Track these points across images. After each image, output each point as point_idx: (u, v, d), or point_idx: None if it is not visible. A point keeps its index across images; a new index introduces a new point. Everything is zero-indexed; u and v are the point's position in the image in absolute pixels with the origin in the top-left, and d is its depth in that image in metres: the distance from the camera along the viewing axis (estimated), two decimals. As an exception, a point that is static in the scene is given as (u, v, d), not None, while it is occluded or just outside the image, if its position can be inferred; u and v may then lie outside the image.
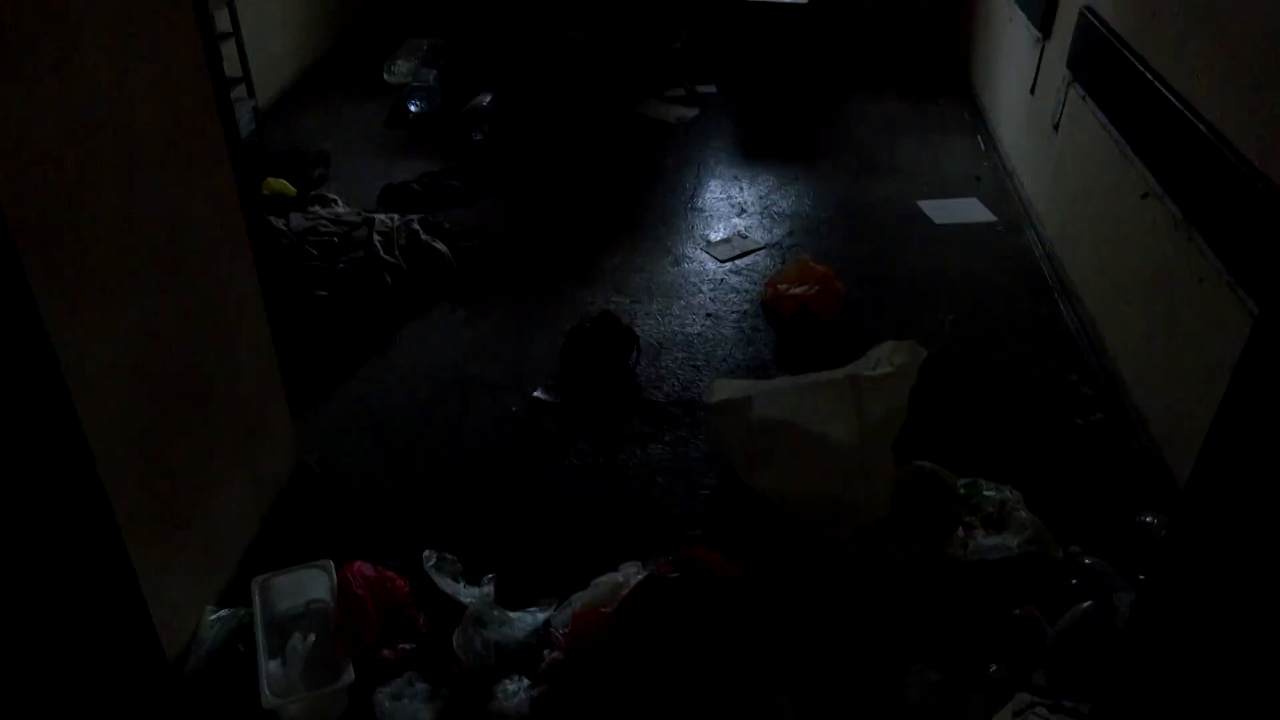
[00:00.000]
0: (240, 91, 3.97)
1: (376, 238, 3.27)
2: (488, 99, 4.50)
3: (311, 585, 2.06)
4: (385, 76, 4.95)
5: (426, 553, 2.15)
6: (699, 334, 3.13)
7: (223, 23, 3.76)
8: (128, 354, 1.72)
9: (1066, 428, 2.69)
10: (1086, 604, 1.94)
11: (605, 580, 2.12)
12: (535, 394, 2.83)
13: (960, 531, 2.23)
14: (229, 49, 3.82)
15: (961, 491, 2.32)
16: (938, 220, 3.81)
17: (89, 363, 1.59)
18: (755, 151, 4.42)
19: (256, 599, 1.98)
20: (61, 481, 1.56)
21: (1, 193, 1.34)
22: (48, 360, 1.46)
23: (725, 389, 2.52)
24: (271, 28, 4.55)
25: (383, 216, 3.41)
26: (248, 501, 2.25)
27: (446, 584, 2.10)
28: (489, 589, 2.09)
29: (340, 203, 3.62)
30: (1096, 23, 3.07)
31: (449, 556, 2.17)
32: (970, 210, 3.89)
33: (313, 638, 1.95)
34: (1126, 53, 2.81)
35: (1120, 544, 2.21)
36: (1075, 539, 2.22)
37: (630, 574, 2.12)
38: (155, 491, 1.83)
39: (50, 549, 1.58)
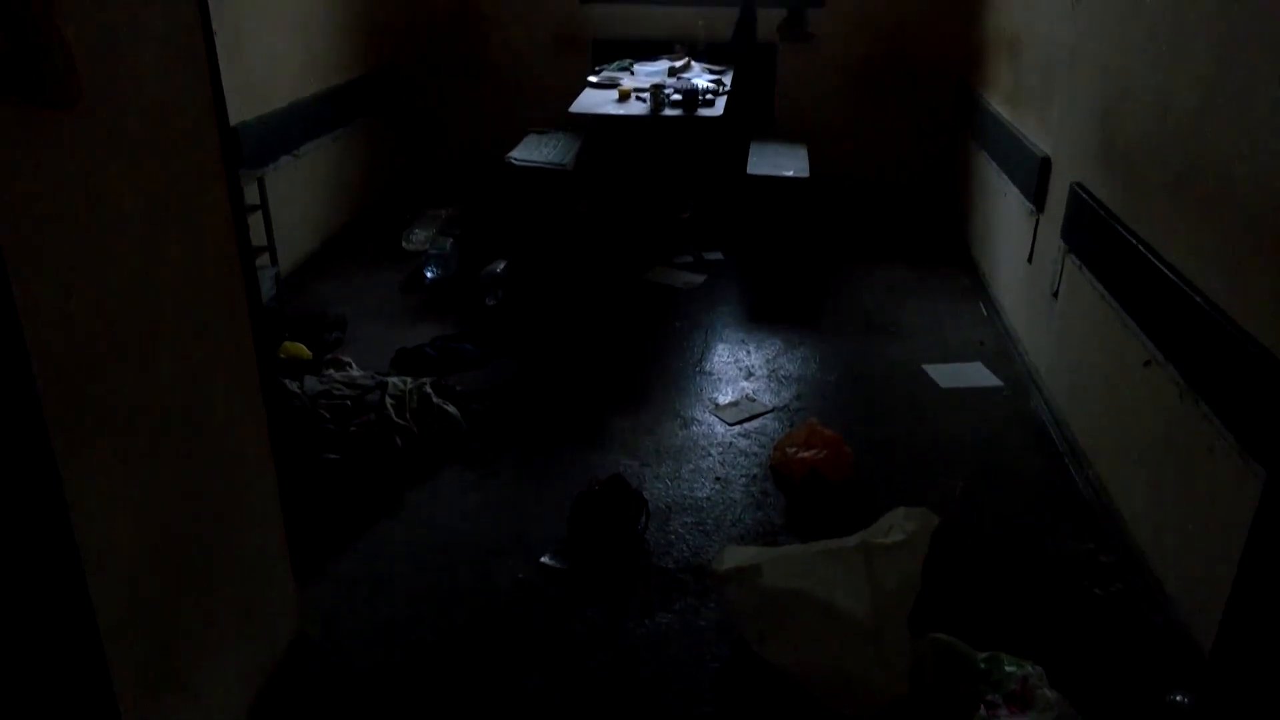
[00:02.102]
0: (264, 259, 4.11)
1: (389, 401, 3.31)
2: (501, 266, 4.66)
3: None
4: (403, 244, 5.15)
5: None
6: (708, 498, 3.11)
7: (251, 196, 3.95)
8: (137, 521, 1.71)
9: (1086, 599, 2.62)
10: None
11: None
12: (543, 560, 2.79)
13: (983, 710, 2.15)
14: (255, 219, 3.99)
15: (982, 666, 2.24)
16: (943, 384, 3.85)
17: (100, 532, 1.58)
18: (762, 316, 4.52)
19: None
20: (63, 651, 1.52)
21: (37, 362, 1.37)
22: (64, 533, 1.46)
23: (734, 556, 2.48)
24: (297, 200, 4.77)
25: (395, 380, 3.47)
26: (246, 672, 2.18)
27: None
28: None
29: (354, 366, 3.69)
30: (1087, 197, 3.20)
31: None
32: (975, 375, 3.94)
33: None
34: (1118, 226, 2.92)
35: (1150, 724, 2.12)
36: (1103, 719, 2.13)
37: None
38: (152, 658, 1.78)
39: (45, 709, 1.53)
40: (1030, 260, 3.90)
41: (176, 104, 1.81)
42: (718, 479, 3.22)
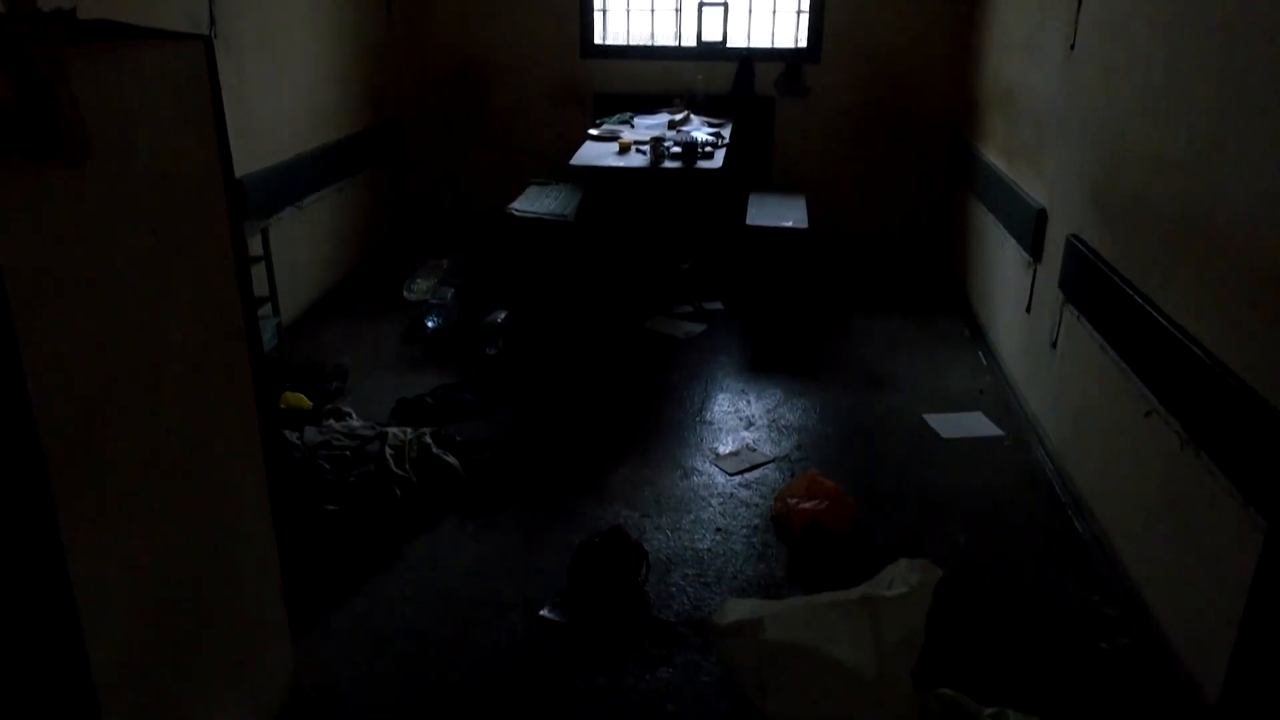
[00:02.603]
0: (266, 309, 4.13)
1: (388, 451, 3.30)
2: (502, 315, 4.68)
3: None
4: (405, 294, 5.17)
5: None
6: (709, 549, 3.09)
7: (255, 246, 3.97)
8: (134, 573, 1.70)
9: (1092, 653, 2.59)
10: None
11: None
12: (542, 613, 2.76)
13: (989, 767, 2.11)
14: (258, 269, 4.01)
15: (987, 722, 2.21)
16: (944, 434, 3.85)
17: (97, 584, 1.57)
18: (762, 366, 4.53)
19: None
20: (58, 704, 1.50)
21: (39, 413, 1.37)
22: (61, 586, 1.44)
23: (736, 609, 2.46)
24: (300, 250, 4.81)
25: (395, 430, 3.46)
26: (239, 730, 2.15)
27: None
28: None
29: (354, 416, 3.69)
30: (1083, 249, 3.23)
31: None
32: (976, 424, 3.93)
33: None
34: (1115, 277, 2.94)
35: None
36: (1112, 777, 2.09)
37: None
38: (147, 712, 1.76)
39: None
40: (1029, 310, 3.92)
41: (184, 158, 1.84)
42: (719, 530, 3.20)
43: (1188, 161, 2.56)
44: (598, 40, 6.06)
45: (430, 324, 4.79)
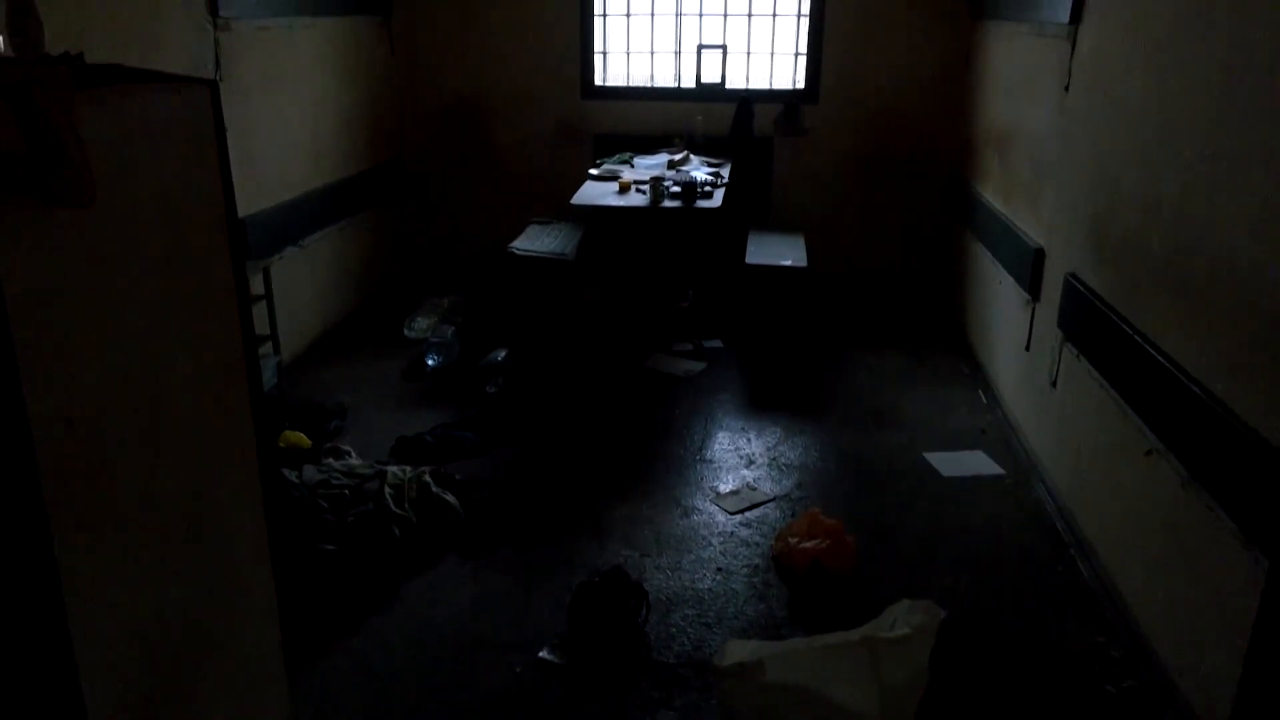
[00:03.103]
0: (266, 348, 4.14)
1: (388, 490, 3.29)
2: (502, 354, 4.68)
3: None
4: (405, 332, 5.18)
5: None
6: (709, 589, 3.07)
7: (256, 285, 3.99)
8: (132, 613, 1.69)
9: (1098, 696, 2.57)
10: None
11: None
12: (542, 654, 2.73)
13: (994, 813, 2.08)
14: (259, 308, 4.03)
15: (992, 766, 2.18)
16: (945, 473, 3.84)
17: (94, 624, 1.55)
18: (762, 404, 4.53)
19: None
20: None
21: (41, 453, 1.37)
22: (59, 627, 1.43)
23: (737, 651, 2.44)
24: (301, 289, 4.83)
25: (395, 469, 3.45)
26: (234, 775, 2.12)
27: None
28: None
29: (354, 455, 3.68)
30: (1081, 288, 3.24)
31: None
32: (977, 463, 3.92)
33: None
34: (1113, 316, 2.95)
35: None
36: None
37: None
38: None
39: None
40: (1028, 348, 3.93)
41: (188, 198, 1.85)
42: (719, 570, 3.18)
43: (1181, 202, 2.58)
44: (598, 81, 6.13)
45: (430, 362, 4.80)
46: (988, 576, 3.13)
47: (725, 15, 5.96)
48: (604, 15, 6.04)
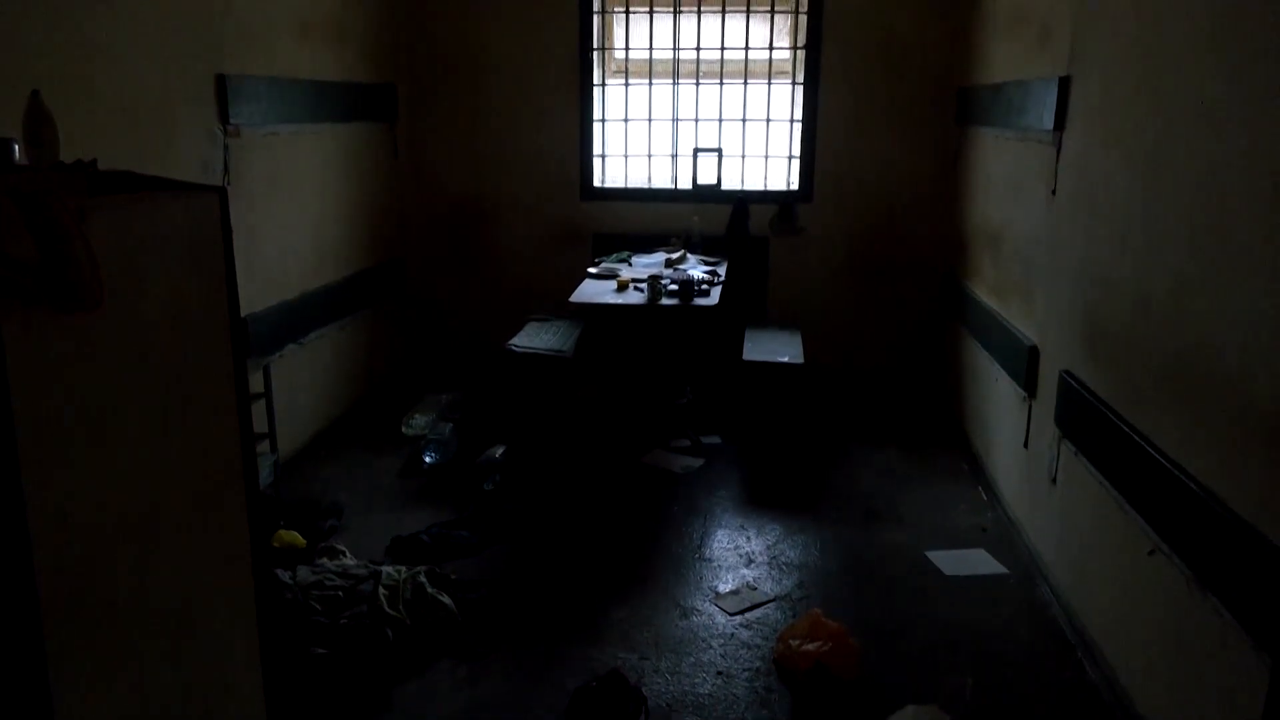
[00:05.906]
0: (263, 446, 4.13)
1: (382, 591, 3.24)
2: (500, 451, 4.67)
3: None
4: (403, 429, 5.18)
5: None
6: (710, 694, 2.99)
7: (255, 383, 4.01)
8: (115, 725, 1.65)
9: (1111, 805, 2.48)
10: None
11: None
12: (537, 763, 2.65)
13: None
14: (258, 407, 4.03)
15: None
16: (948, 572, 3.79)
17: (74, 737, 1.52)
18: (761, 501, 4.50)
19: None
20: None
21: (38, 558, 1.36)
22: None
23: (739, 759, 2.37)
24: (300, 386, 4.84)
25: (389, 569, 3.41)
26: None
27: None
28: None
29: (349, 555, 3.64)
30: (1076, 385, 3.26)
31: None
32: (980, 562, 3.87)
33: None
34: (1110, 414, 2.96)
35: None
36: None
37: None
38: None
39: None
40: (1026, 445, 3.93)
41: (193, 300, 1.88)
42: (720, 673, 3.10)
43: (1170, 301, 2.62)
44: (597, 183, 6.28)
45: (428, 459, 4.78)
46: (994, 678, 3.06)
47: (720, 120, 6.14)
48: (603, 121, 6.22)
